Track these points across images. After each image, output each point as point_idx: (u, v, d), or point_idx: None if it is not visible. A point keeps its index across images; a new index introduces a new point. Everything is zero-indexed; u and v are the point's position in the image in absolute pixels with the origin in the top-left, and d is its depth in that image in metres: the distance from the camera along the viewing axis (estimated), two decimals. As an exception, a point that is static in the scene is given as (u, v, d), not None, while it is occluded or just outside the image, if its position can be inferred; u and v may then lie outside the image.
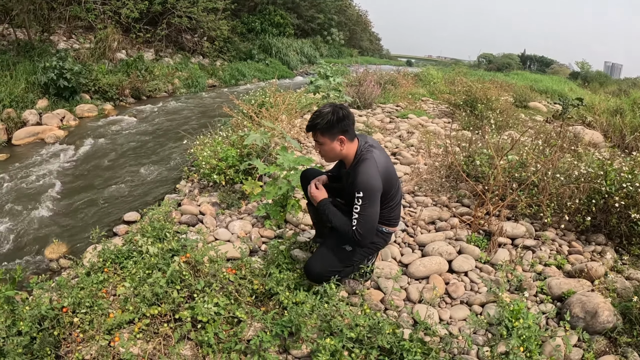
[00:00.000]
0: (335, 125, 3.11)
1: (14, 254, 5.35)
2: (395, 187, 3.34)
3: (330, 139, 3.15)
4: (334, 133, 3.13)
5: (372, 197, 3.02)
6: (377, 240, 3.51)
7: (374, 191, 3.03)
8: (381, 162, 3.15)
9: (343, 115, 3.11)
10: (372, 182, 3.01)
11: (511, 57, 63.32)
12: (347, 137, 3.17)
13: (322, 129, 3.14)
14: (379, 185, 3.06)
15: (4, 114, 10.30)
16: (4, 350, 2.82)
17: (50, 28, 16.48)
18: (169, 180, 7.57)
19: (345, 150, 3.20)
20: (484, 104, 10.78)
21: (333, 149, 3.19)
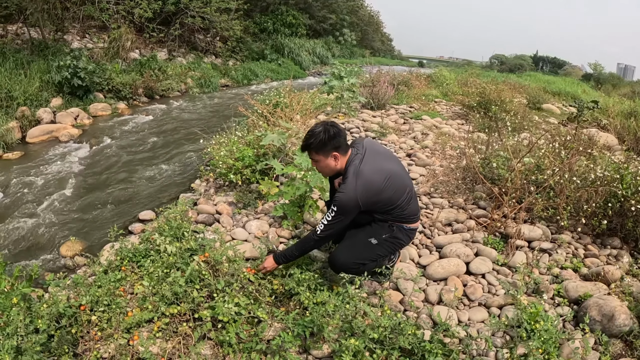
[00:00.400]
0: (327, 143, 3.27)
1: (29, 252, 5.39)
2: (391, 193, 3.37)
3: (325, 156, 3.33)
4: (327, 150, 3.30)
5: (343, 215, 3.24)
6: (400, 237, 3.58)
7: (347, 211, 3.22)
8: (370, 177, 3.26)
9: (334, 133, 3.27)
10: (346, 203, 3.18)
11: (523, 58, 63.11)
12: (341, 153, 3.33)
13: (316, 147, 3.31)
14: (353, 207, 3.20)
15: (18, 112, 10.38)
16: (21, 348, 2.83)
17: (64, 27, 16.59)
18: (183, 179, 7.60)
19: (339, 164, 3.37)
20: (498, 105, 10.72)
21: (328, 164, 3.37)
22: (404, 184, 3.45)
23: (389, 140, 8.44)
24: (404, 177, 3.51)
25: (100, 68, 13.83)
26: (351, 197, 3.17)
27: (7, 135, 9.27)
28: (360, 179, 3.21)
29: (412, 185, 3.58)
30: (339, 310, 3.01)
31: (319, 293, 3.22)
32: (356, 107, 11.33)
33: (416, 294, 3.81)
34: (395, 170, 3.43)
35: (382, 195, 3.30)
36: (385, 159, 3.46)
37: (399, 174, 3.46)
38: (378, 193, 3.28)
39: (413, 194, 3.56)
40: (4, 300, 3.26)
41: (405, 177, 3.54)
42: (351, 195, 3.17)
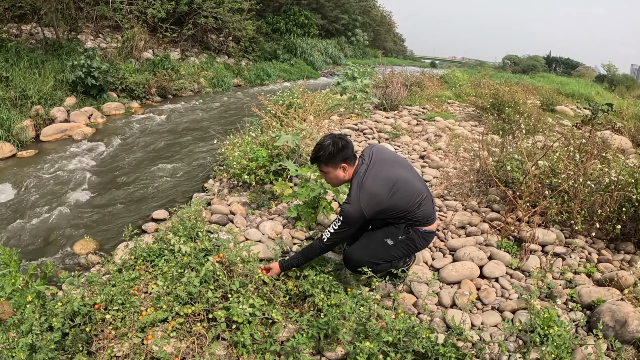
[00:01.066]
0: (336, 155, 3.39)
1: (43, 250, 5.43)
2: (398, 202, 3.40)
3: (334, 168, 3.45)
4: (336, 162, 3.42)
5: (349, 225, 3.31)
6: (416, 239, 3.59)
7: (352, 222, 3.29)
8: (375, 190, 3.31)
9: (342, 146, 3.39)
10: (351, 214, 3.25)
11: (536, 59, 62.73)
12: (349, 164, 3.45)
13: (326, 160, 3.43)
14: (358, 218, 3.26)
15: (33, 111, 10.48)
16: (35, 346, 2.85)
17: (78, 27, 16.71)
18: (197, 179, 7.63)
19: (347, 175, 3.49)
20: (511, 107, 10.66)
21: (337, 176, 3.50)
22: (413, 189, 3.46)
23: (402, 141, 8.42)
24: (413, 181, 3.52)
25: (113, 67, 13.96)
26: (356, 208, 3.24)
27: (21, 134, 9.37)
28: (363, 191, 3.28)
29: (424, 189, 3.58)
30: (354, 312, 3.02)
31: (333, 295, 3.22)
32: (369, 108, 11.29)
33: (430, 297, 3.80)
34: (403, 176, 3.45)
35: (388, 203, 3.34)
36: (392, 166, 3.50)
37: (407, 179, 3.48)
38: (382, 203, 3.32)
39: (425, 197, 3.54)
40: (18, 298, 3.29)
41: (416, 182, 3.55)
42: (356, 206, 3.25)
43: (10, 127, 9.23)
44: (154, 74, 15.51)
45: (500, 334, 3.36)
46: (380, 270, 3.62)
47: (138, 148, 9.50)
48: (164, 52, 18.23)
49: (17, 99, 10.59)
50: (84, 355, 2.90)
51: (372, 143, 8.24)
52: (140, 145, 9.69)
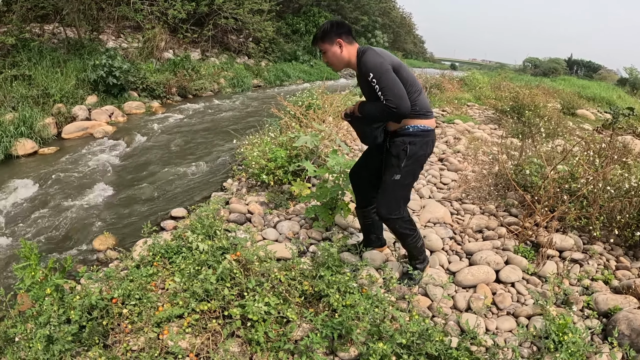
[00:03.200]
0: (330, 32, 3.40)
1: (63, 244, 5.53)
2: (406, 72, 3.43)
3: (330, 44, 3.43)
4: (331, 38, 3.41)
5: (382, 72, 3.18)
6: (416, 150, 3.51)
7: (382, 67, 3.20)
8: (381, 51, 3.38)
9: (337, 23, 3.44)
10: (376, 61, 3.22)
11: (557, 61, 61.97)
12: (345, 40, 3.43)
13: (321, 37, 3.44)
14: (385, 62, 3.23)
15: (55, 109, 10.66)
16: (53, 337, 2.90)
17: (100, 27, 16.91)
18: (215, 178, 7.67)
19: (346, 53, 3.45)
20: (531, 110, 10.59)
21: (334, 53, 3.45)
22: (413, 75, 3.53)
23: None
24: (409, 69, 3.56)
25: (134, 67, 14.12)
26: (373, 55, 3.29)
27: (43, 131, 9.53)
28: (375, 49, 3.37)
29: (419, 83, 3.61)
30: (368, 313, 3.03)
31: (348, 296, 3.23)
32: (388, 110, 11.26)
33: (445, 300, 3.79)
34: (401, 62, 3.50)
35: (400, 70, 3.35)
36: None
37: (406, 66, 3.53)
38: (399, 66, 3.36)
39: (421, 89, 3.57)
40: (37, 290, 3.35)
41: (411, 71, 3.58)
42: (374, 54, 3.29)
43: (32, 125, 9.41)
44: (175, 74, 15.64)
45: (515, 340, 3.35)
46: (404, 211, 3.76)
47: (158, 147, 9.59)
48: (185, 53, 18.35)
49: (39, 97, 10.78)
50: (100, 348, 2.94)
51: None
52: (160, 144, 9.78)
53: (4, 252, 5.29)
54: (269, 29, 23.65)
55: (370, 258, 4.19)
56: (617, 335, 3.14)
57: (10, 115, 9.49)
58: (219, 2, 20.32)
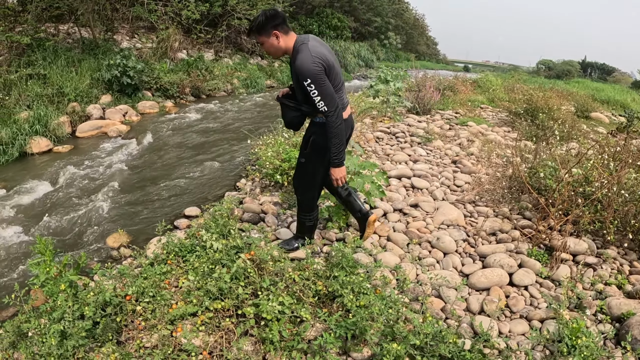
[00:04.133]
0: (266, 24, 3.51)
1: (76, 241, 5.59)
2: (334, 70, 3.62)
3: (267, 36, 3.56)
4: (267, 30, 3.53)
5: (319, 79, 3.37)
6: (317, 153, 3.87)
7: (318, 73, 3.37)
8: (315, 48, 3.47)
9: (271, 15, 3.52)
10: (312, 67, 3.36)
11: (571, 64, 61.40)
12: (281, 31, 3.56)
13: (257, 29, 3.56)
14: (319, 68, 3.39)
15: (69, 108, 10.75)
16: (66, 333, 2.93)
17: (114, 28, 17.04)
18: (229, 178, 7.70)
19: (283, 43, 3.59)
20: (545, 113, 10.53)
21: (272, 44, 3.59)
22: (339, 71, 3.72)
23: (434, 146, 8.39)
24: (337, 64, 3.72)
25: (148, 67, 14.24)
26: (311, 60, 3.38)
27: (58, 129, 9.63)
28: (310, 48, 3.44)
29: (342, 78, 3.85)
30: (382, 314, 3.03)
31: (362, 296, 3.23)
32: (401, 111, 11.27)
33: (458, 302, 3.79)
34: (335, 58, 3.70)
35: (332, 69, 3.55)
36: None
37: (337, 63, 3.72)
38: (331, 65, 3.55)
39: (343, 83, 3.84)
40: (52, 286, 3.38)
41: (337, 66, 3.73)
42: (309, 59, 3.38)
43: (47, 123, 9.52)
44: (188, 74, 15.71)
45: (528, 343, 3.34)
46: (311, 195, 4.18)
47: (171, 146, 9.63)
48: (198, 53, 18.43)
49: (54, 95, 10.89)
50: (113, 344, 2.97)
51: (404, 147, 8.25)
52: (174, 144, 9.83)
53: (18, 248, 5.36)
54: (283, 30, 23.61)
55: (384, 260, 4.19)
56: (630, 340, 3.12)
57: (26, 113, 9.59)
58: (233, 3, 20.39)
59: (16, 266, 5.00)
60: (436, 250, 4.64)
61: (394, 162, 7.38)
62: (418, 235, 4.89)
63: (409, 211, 5.46)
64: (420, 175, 6.62)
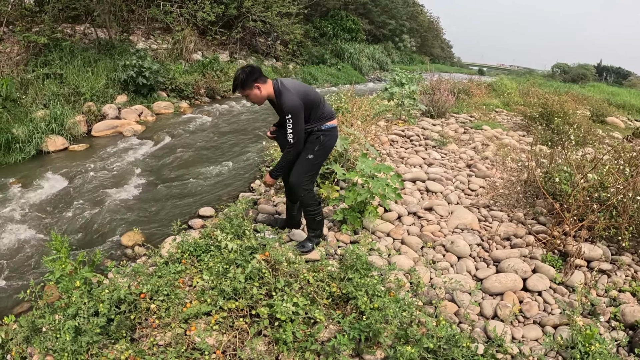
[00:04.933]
0: (247, 80, 4.10)
1: (91, 239, 5.65)
2: (312, 94, 4.36)
3: (250, 89, 4.14)
4: (250, 84, 4.11)
5: (297, 115, 4.08)
6: (326, 141, 4.44)
7: (297, 109, 4.08)
8: (294, 87, 4.19)
9: (250, 71, 4.11)
10: (293, 104, 4.07)
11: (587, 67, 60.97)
12: (260, 82, 4.14)
13: (241, 85, 4.13)
14: (299, 104, 4.09)
15: (85, 107, 10.85)
16: (81, 329, 2.96)
17: (130, 29, 17.17)
18: (243, 178, 7.73)
19: (264, 91, 4.19)
20: (560, 117, 10.46)
21: (256, 95, 4.18)
22: (314, 91, 4.44)
23: (448, 149, 8.37)
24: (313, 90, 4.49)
25: (164, 68, 14.35)
26: (293, 99, 4.08)
27: (73, 128, 9.72)
28: (290, 88, 4.15)
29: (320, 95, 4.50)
30: (396, 316, 3.03)
31: (376, 299, 3.23)
32: (416, 114, 11.24)
33: (472, 306, 3.78)
34: (303, 84, 4.43)
35: (308, 95, 4.24)
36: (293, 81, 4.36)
37: (307, 86, 4.45)
38: (306, 93, 4.23)
39: (322, 99, 4.48)
40: (67, 282, 3.42)
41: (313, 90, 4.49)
42: (292, 97, 4.08)
43: (63, 122, 9.61)
44: (203, 75, 15.78)
45: (541, 349, 3.33)
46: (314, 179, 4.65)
47: (186, 146, 9.68)
48: (213, 54, 18.50)
49: (70, 95, 11.00)
50: (127, 342, 2.99)
51: (419, 150, 8.23)
52: (188, 144, 9.88)
53: (33, 244, 5.42)
54: (297, 32, 23.72)
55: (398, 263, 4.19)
56: (642, 347, 3.10)
57: (42, 112, 9.69)
58: (248, 4, 20.46)
59: (30, 262, 5.07)
60: (450, 254, 4.64)
61: (409, 165, 7.37)
62: (432, 238, 4.89)
63: (423, 214, 5.46)
64: (434, 179, 6.60)
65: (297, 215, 5.03)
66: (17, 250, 5.31)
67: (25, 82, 10.97)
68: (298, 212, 5.02)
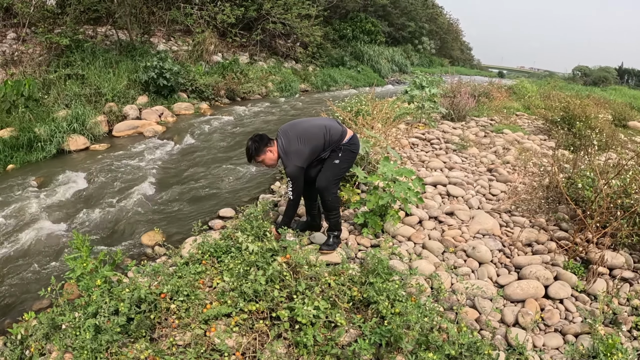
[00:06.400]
0: (260, 147, 4.33)
1: (111, 237, 5.72)
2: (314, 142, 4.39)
3: (264, 154, 4.36)
4: (262, 149, 4.34)
5: (295, 179, 4.31)
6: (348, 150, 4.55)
7: (297, 176, 4.30)
8: (289, 147, 4.32)
9: (259, 138, 4.38)
10: (293, 171, 4.27)
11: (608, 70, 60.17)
12: (271, 146, 4.38)
13: (256, 154, 4.35)
14: (299, 170, 4.29)
15: (106, 108, 11.02)
16: (101, 328, 2.98)
17: (151, 30, 17.41)
18: (263, 180, 7.76)
19: (274, 153, 4.39)
20: (582, 121, 10.32)
21: (270, 157, 4.40)
22: (316, 129, 4.46)
23: (469, 153, 8.30)
24: (314, 124, 4.54)
25: (184, 69, 14.46)
26: (292, 166, 4.25)
27: (95, 128, 9.87)
28: (289, 154, 4.29)
29: (324, 122, 4.59)
30: (418, 322, 3.01)
31: (397, 303, 3.22)
32: (436, 117, 11.20)
33: (493, 313, 3.75)
34: (305, 127, 4.49)
35: (307, 149, 4.33)
36: (294, 127, 4.50)
37: (308, 127, 4.50)
38: (303, 151, 4.31)
39: (329, 126, 4.52)
40: (87, 280, 3.45)
41: (316, 122, 4.59)
42: (291, 165, 4.26)
43: (84, 122, 9.76)
44: (223, 77, 15.90)
45: (562, 357, 3.29)
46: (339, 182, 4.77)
47: (206, 147, 9.75)
48: (233, 56, 18.65)
49: (92, 95, 11.18)
50: (146, 341, 3.01)
51: (439, 154, 8.19)
52: (208, 145, 9.94)
53: (53, 242, 5.51)
54: (317, 34, 23.76)
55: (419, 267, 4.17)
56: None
57: (64, 112, 9.86)
58: (267, 7, 20.58)
59: (50, 260, 5.14)
60: (471, 259, 4.59)
61: (429, 168, 7.32)
62: (453, 243, 4.85)
63: (444, 219, 5.42)
64: (455, 183, 6.55)
65: (317, 217, 5.08)
66: (37, 247, 5.39)
67: (47, 83, 11.16)
68: (318, 214, 5.09)
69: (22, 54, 12.63)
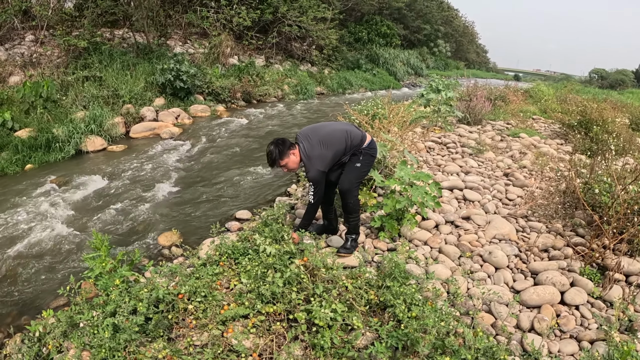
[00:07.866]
0: (283, 150, 4.31)
1: (129, 238, 5.79)
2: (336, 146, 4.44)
3: (287, 157, 4.34)
4: (286, 153, 4.32)
5: (318, 183, 4.32)
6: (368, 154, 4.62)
7: (318, 179, 4.31)
8: (311, 151, 4.33)
9: (281, 142, 4.35)
10: (315, 175, 4.28)
11: (625, 73, 59.33)
12: (292, 149, 4.37)
13: (280, 157, 4.32)
14: (321, 175, 4.32)
15: (124, 109, 11.16)
16: (119, 327, 3.03)
17: (167, 33, 17.57)
18: (280, 183, 7.79)
19: (297, 156, 4.39)
20: (599, 125, 10.22)
21: (293, 160, 4.38)
22: (338, 133, 4.51)
23: (485, 157, 8.26)
24: (335, 128, 4.58)
25: (201, 72, 14.60)
26: (314, 170, 4.27)
27: (112, 130, 10.00)
28: (312, 159, 4.30)
29: (345, 127, 4.64)
30: (435, 326, 3.02)
31: (414, 307, 3.23)
32: (452, 121, 11.16)
33: (509, 318, 3.75)
34: (327, 131, 4.52)
35: (329, 153, 4.37)
36: (316, 131, 4.53)
37: (330, 131, 4.53)
38: (326, 156, 4.35)
39: (349, 131, 4.57)
40: (106, 280, 3.50)
41: (337, 127, 4.64)
42: (313, 170, 4.27)
43: (102, 123, 9.90)
44: (239, 80, 16.01)
45: (578, 365, 3.29)
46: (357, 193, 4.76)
47: (222, 149, 9.81)
48: (249, 59, 18.75)
49: (109, 97, 11.35)
50: (164, 341, 3.06)
51: (455, 158, 8.17)
52: (225, 147, 10.01)
53: (71, 241, 5.59)
54: (332, 36, 23.82)
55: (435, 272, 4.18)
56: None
57: (82, 113, 10.00)
58: (283, 10, 20.68)
59: (68, 259, 5.22)
60: (488, 264, 4.58)
61: (446, 173, 7.31)
62: (470, 248, 4.85)
63: (460, 223, 5.41)
64: (472, 187, 6.54)
65: (334, 221, 5.11)
66: (55, 246, 5.47)
67: (65, 84, 11.32)
68: (335, 218, 5.12)
69: (41, 56, 12.82)
